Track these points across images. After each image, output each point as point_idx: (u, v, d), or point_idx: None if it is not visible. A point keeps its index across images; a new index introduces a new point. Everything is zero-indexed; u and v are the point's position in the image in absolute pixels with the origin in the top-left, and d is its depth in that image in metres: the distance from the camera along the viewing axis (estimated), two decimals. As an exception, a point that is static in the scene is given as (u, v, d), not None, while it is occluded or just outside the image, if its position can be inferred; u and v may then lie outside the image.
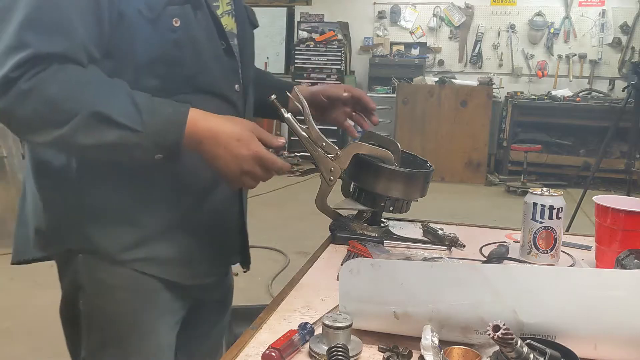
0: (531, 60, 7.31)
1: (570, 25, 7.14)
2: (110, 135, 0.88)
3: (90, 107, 0.86)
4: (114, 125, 0.88)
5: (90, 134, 0.87)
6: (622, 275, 0.88)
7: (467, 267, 0.98)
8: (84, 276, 1.03)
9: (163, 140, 0.91)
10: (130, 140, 0.89)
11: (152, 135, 0.90)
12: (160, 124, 0.91)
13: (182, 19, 0.95)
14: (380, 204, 1.30)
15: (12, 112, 0.85)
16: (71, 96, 0.87)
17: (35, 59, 0.84)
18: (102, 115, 0.87)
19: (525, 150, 6.20)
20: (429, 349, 0.80)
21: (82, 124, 0.86)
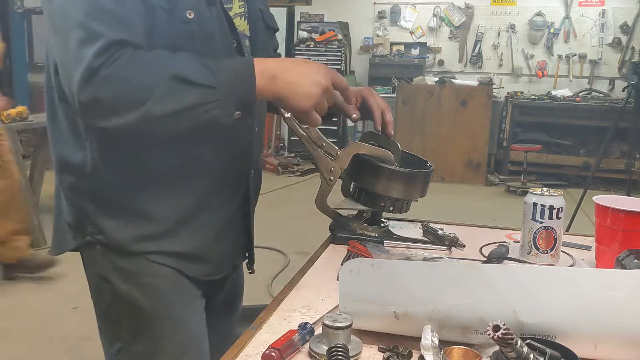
0: (531, 60, 7.31)
1: (570, 25, 7.14)
2: (190, 97, 0.90)
3: (167, 73, 0.89)
4: (192, 86, 0.90)
5: (172, 100, 0.90)
6: (622, 275, 0.88)
7: (467, 267, 0.98)
8: (106, 266, 1.06)
9: (239, 90, 0.94)
10: (208, 98, 0.91)
11: (228, 89, 0.93)
12: (233, 75, 0.94)
13: (195, 12, 0.98)
14: (380, 204, 1.30)
15: (97, 98, 0.88)
16: (148, 71, 0.90)
17: (111, 46, 0.87)
18: (180, 77, 0.89)
19: (525, 150, 6.20)
20: (429, 349, 0.80)
21: (163, 91, 0.89)
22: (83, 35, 0.87)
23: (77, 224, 1.06)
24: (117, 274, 1.06)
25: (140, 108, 0.89)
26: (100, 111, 0.90)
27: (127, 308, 1.07)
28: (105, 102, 0.89)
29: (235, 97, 0.94)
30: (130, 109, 0.89)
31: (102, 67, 0.87)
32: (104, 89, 0.87)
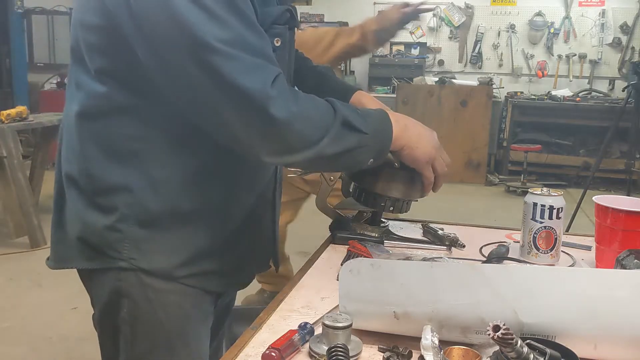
0: (531, 60, 7.32)
1: (570, 25, 7.14)
2: (351, 140, 0.95)
3: (338, 117, 0.93)
4: (354, 131, 0.95)
5: (339, 143, 0.94)
6: (622, 275, 0.87)
7: (467, 267, 0.98)
8: (130, 285, 1.00)
9: (382, 137, 1.01)
10: (363, 143, 0.97)
11: (375, 135, 0.99)
12: (377, 123, 1.01)
13: (282, 39, 0.99)
14: (380, 204, 1.30)
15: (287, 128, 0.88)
16: (322, 112, 0.93)
17: (279, 78, 0.87)
18: (347, 122, 0.94)
19: (525, 150, 6.20)
20: (429, 349, 0.80)
21: (335, 133, 0.93)
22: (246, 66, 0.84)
23: (109, 246, 0.98)
24: (142, 291, 1.00)
25: (314, 147, 0.91)
26: (279, 147, 0.91)
27: (146, 327, 1.02)
28: (290, 137, 0.89)
29: (379, 143, 1.00)
30: (306, 147, 0.91)
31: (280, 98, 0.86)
32: (292, 123, 0.88)
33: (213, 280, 1.06)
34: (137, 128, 0.94)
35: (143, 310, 1.01)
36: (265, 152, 0.92)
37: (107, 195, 0.97)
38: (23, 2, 7.08)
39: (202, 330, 1.09)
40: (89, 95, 0.95)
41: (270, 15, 0.95)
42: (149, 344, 1.03)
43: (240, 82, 0.83)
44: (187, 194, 0.99)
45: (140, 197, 0.96)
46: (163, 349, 1.04)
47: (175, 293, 1.02)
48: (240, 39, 0.84)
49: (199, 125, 0.92)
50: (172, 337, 1.04)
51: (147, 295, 1.00)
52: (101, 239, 0.98)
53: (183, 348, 1.05)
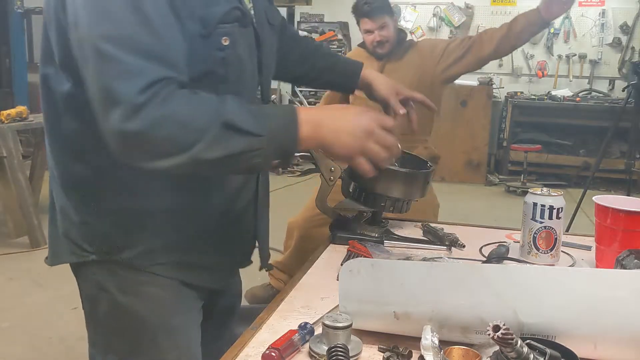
0: (531, 60, 7.31)
1: (570, 25, 7.13)
2: (239, 144, 0.89)
3: (219, 118, 0.88)
4: (241, 133, 0.89)
5: (221, 147, 0.88)
6: (622, 275, 0.87)
7: (467, 267, 0.98)
8: (106, 277, 1.03)
9: (283, 139, 0.93)
10: (254, 146, 0.90)
11: (272, 137, 0.92)
12: (277, 125, 0.93)
13: (230, 38, 0.97)
14: (380, 204, 1.30)
15: (145, 138, 0.85)
16: (199, 113, 0.88)
17: (155, 83, 0.84)
18: (230, 125, 0.88)
19: (525, 150, 6.19)
20: (429, 349, 0.80)
21: (213, 137, 0.87)
22: (119, 70, 0.83)
23: (84, 240, 1.03)
24: (118, 285, 1.03)
25: (188, 152, 0.86)
26: (144, 152, 0.87)
27: (127, 319, 1.04)
28: (153, 143, 0.86)
29: (279, 145, 0.94)
30: (179, 151, 0.87)
31: (148, 105, 0.83)
32: (154, 130, 0.84)
33: (186, 272, 1.07)
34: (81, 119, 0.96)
35: (121, 302, 1.03)
36: (132, 157, 0.89)
37: (77, 190, 1.02)
38: (23, 2, 7.08)
39: (187, 323, 1.10)
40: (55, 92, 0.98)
41: (215, 15, 0.94)
42: (132, 337, 1.05)
43: (110, 85, 0.83)
44: (153, 189, 1.00)
45: (105, 192, 1.00)
46: (147, 341, 1.05)
47: (153, 285, 1.04)
48: (128, 39, 0.84)
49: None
50: (154, 329, 1.05)
51: (122, 287, 1.03)
52: (78, 233, 1.03)
53: (167, 339, 1.06)
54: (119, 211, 1.01)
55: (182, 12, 0.90)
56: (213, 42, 0.95)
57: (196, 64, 0.93)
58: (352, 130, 0.98)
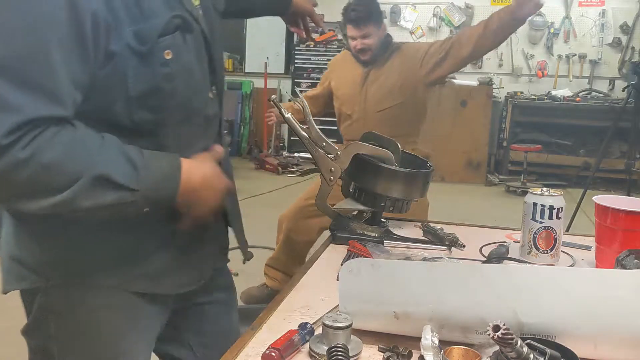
0: (531, 60, 7.31)
1: (570, 25, 7.13)
2: (109, 197, 0.85)
3: (91, 170, 0.83)
4: (114, 187, 0.85)
5: (91, 197, 0.84)
6: (622, 275, 0.88)
7: (467, 267, 0.98)
8: (58, 300, 0.98)
9: (157, 195, 0.90)
10: (126, 199, 0.87)
11: (148, 191, 0.88)
12: (157, 179, 0.90)
13: (173, 50, 0.91)
14: (380, 204, 1.30)
15: (8, 180, 0.80)
16: (70, 160, 0.83)
17: (28, 124, 0.78)
18: (104, 178, 0.84)
19: (525, 150, 6.20)
20: (429, 349, 0.80)
21: (84, 187, 0.83)
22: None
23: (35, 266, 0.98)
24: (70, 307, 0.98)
25: (56, 197, 0.82)
26: (10, 193, 0.83)
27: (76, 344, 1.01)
28: (17, 185, 0.81)
29: (154, 199, 0.90)
30: (46, 196, 0.82)
31: (16, 146, 0.77)
32: (18, 172, 0.79)
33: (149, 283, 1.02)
34: None
35: (72, 326, 0.99)
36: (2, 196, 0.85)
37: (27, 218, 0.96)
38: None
39: (140, 346, 1.05)
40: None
41: (153, 29, 0.88)
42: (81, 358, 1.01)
43: None
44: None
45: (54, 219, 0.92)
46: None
47: (105, 308, 0.99)
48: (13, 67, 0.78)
49: None
50: (104, 354, 1.01)
51: (76, 311, 0.99)
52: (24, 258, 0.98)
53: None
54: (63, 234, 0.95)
55: (101, 35, 0.83)
56: (154, 58, 0.89)
57: (140, 83, 0.88)
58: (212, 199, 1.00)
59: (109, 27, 0.84)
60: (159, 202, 0.92)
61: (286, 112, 1.30)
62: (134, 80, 0.88)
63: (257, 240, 4.15)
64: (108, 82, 0.87)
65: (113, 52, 0.85)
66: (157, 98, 0.91)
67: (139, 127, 0.92)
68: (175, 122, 0.97)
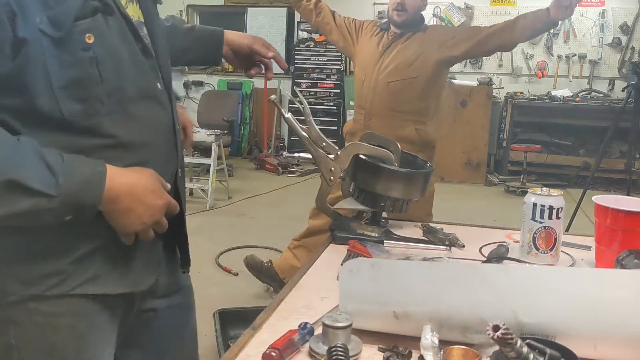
0: (531, 60, 7.31)
1: (570, 26, 7.13)
2: (23, 204, 0.80)
3: (5, 175, 0.78)
4: (28, 193, 0.80)
5: (1, 205, 0.79)
6: (622, 275, 0.88)
7: (467, 267, 0.98)
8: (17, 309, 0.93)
9: (78, 202, 0.85)
10: (43, 206, 0.82)
11: (67, 198, 0.83)
12: (77, 186, 0.84)
13: (95, 33, 0.86)
14: (380, 204, 1.30)
15: None
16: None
17: None
18: (16, 183, 0.79)
19: (524, 151, 6.20)
20: (429, 348, 0.80)
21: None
22: None
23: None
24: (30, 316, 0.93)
25: None
26: None
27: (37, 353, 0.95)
28: None
29: (72, 207, 0.85)
30: None
31: None
32: None
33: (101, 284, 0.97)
34: None
35: (32, 335, 0.94)
36: None
37: None
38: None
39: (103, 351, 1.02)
40: None
41: (67, 12, 0.84)
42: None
43: None
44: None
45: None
46: None
47: (66, 315, 0.95)
48: None
49: None
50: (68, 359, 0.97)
51: (35, 319, 0.94)
52: None
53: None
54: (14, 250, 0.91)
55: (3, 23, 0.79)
56: (74, 43, 0.85)
57: (62, 71, 0.84)
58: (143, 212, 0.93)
59: (12, 14, 0.80)
60: (80, 210, 0.86)
61: (286, 112, 1.31)
62: (56, 68, 0.84)
63: (257, 240, 4.16)
64: (25, 73, 0.83)
65: (23, 40, 0.81)
66: (84, 86, 0.87)
67: (71, 121, 0.87)
68: (109, 113, 0.91)
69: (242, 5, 7.92)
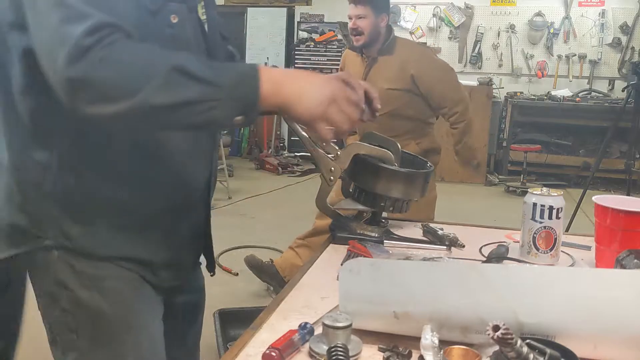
0: (531, 60, 7.31)
1: (570, 26, 7.13)
2: (190, 91, 0.85)
3: (169, 63, 0.85)
4: (194, 80, 0.85)
5: (170, 92, 0.84)
6: (622, 275, 0.88)
7: (467, 267, 0.98)
8: (64, 271, 1.00)
9: (242, 93, 0.89)
10: (210, 96, 0.86)
11: (232, 89, 0.88)
12: (237, 77, 0.90)
13: (179, 17, 0.97)
14: (380, 204, 1.30)
15: (90, 80, 0.82)
16: (148, 58, 0.85)
17: (103, 27, 0.82)
18: (182, 69, 0.85)
19: (524, 151, 6.20)
20: (429, 348, 0.80)
21: (162, 81, 0.83)
22: (67, 14, 0.82)
23: (32, 228, 0.99)
24: (77, 279, 1.00)
25: (136, 96, 0.83)
26: (91, 95, 0.83)
27: (88, 315, 1.01)
28: (98, 85, 0.83)
29: (238, 99, 0.89)
30: (125, 95, 0.83)
31: (95, 47, 0.81)
32: (98, 71, 0.81)
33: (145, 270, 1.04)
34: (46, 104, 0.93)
35: (82, 298, 1.00)
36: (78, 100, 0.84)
37: (25, 173, 0.98)
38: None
39: (148, 317, 1.07)
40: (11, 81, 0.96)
41: None
42: (93, 332, 1.03)
43: (57, 27, 0.82)
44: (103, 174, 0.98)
45: (60, 175, 0.97)
46: (107, 336, 1.03)
47: (112, 278, 1.01)
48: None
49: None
50: (115, 324, 1.03)
51: (83, 282, 1.00)
52: (23, 219, 0.99)
53: (128, 334, 1.03)
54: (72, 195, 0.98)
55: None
56: (162, 18, 0.95)
57: (146, 39, 0.91)
58: (316, 95, 0.95)
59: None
60: (244, 101, 0.90)
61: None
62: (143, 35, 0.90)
63: (257, 240, 4.16)
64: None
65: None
66: None
67: None
68: None
69: (242, 5, 7.92)
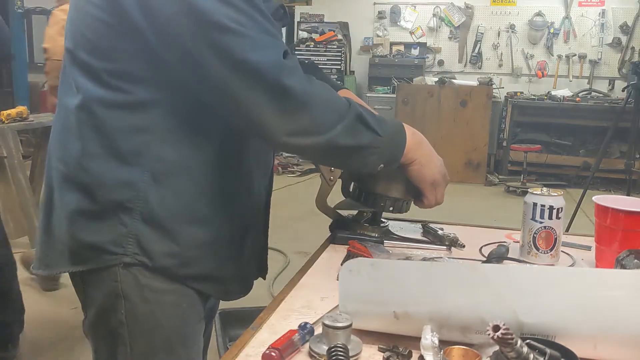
0: (531, 60, 7.32)
1: (570, 26, 7.14)
2: (365, 138, 0.96)
3: (353, 110, 0.94)
4: (368, 129, 0.96)
5: (352, 135, 0.94)
6: (622, 275, 0.87)
7: (467, 267, 0.98)
8: (127, 285, 0.98)
9: (395, 145, 1.02)
10: (375, 143, 0.97)
11: (389, 140, 0.99)
12: (392, 129, 1.01)
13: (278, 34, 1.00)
14: (380, 204, 1.30)
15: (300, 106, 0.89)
16: (337, 100, 0.94)
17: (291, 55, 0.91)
18: (362, 118, 0.95)
19: (525, 151, 6.20)
20: (429, 348, 0.80)
21: (349, 125, 0.93)
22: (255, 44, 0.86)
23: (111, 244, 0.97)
24: (139, 292, 0.99)
25: (329, 132, 0.92)
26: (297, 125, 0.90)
27: (143, 328, 1.01)
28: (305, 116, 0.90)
29: (392, 149, 1.01)
30: (322, 131, 0.92)
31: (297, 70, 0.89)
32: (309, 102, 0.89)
33: (212, 284, 1.05)
34: (141, 122, 0.94)
35: (141, 311, 1.00)
36: (280, 130, 0.90)
37: (109, 191, 0.96)
38: (23, 2, 7.08)
39: (198, 331, 1.09)
40: (90, 94, 0.95)
41: (269, 9, 0.96)
42: (147, 345, 1.02)
43: (252, 58, 0.86)
44: (190, 192, 0.99)
45: (143, 192, 0.96)
46: (162, 350, 1.03)
47: (173, 293, 1.02)
48: (251, 19, 0.87)
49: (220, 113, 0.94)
50: (171, 338, 1.03)
51: (144, 295, 0.99)
52: (101, 237, 0.97)
53: (182, 348, 1.04)
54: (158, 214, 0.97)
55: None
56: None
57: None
58: (440, 163, 1.13)
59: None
60: (395, 152, 1.03)
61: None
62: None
63: (257, 240, 4.16)
64: None
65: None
66: None
67: None
68: None
69: (242, 5, 7.92)
